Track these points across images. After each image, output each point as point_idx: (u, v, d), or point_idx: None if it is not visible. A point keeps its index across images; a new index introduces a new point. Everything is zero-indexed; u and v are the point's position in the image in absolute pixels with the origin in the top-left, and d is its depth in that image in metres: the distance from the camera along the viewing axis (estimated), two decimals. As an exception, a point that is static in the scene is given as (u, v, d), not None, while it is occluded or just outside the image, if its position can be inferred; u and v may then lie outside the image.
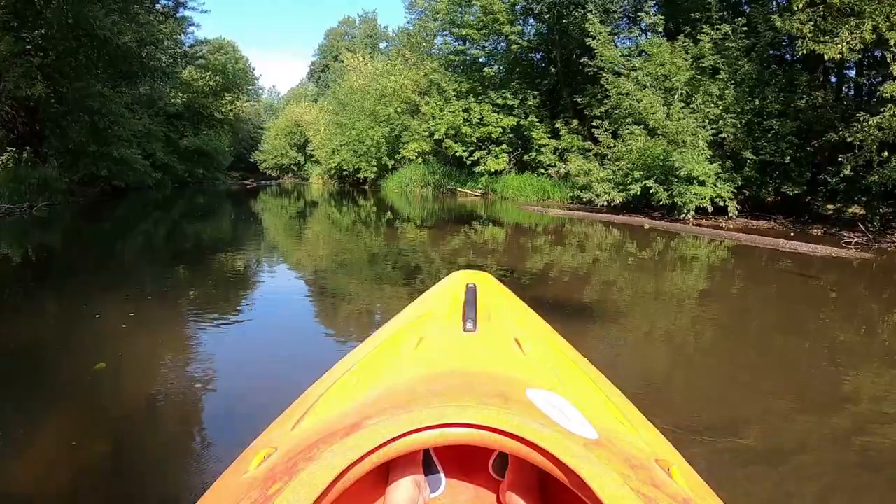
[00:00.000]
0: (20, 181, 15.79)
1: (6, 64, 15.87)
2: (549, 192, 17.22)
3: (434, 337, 1.37)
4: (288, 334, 4.12)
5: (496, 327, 1.44)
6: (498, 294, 1.80)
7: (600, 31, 14.83)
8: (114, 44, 19.25)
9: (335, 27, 64.88)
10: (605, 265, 6.87)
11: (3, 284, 5.87)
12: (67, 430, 2.48)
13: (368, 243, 9.65)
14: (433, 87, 22.12)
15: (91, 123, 20.60)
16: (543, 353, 1.33)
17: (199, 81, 39.08)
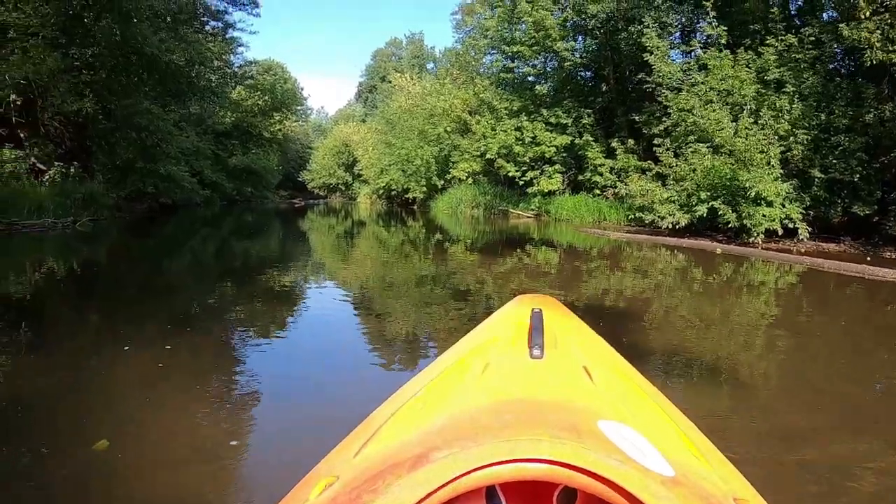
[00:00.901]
0: (66, 196, 16.20)
1: (53, 80, 16.41)
2: (606, 214, 16.83)
3: (500, 363, 1.35)
4: (337, 357, 4.00)
5: (564, 354, 1.41)
6: (564, 319, 1.76)
7: (658, 46, 14.50)
8: (162, 62, 19.82)
9: (382, 48, 65.98)
10: (671, 292, 6.48)
11: (21, 308, 5.35)
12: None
13: (417, 264, 9.48)
14: (484, 105, 22.03)
15: (139, 140, 21.12)
16: (613, 382, 1.31)
17: (248, 101, 40.10)
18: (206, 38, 27.39)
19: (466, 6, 37.50)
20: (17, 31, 15.86)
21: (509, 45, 20.05)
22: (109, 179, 20.00)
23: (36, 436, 2.55)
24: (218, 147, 36.21)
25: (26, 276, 7.39)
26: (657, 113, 15.10)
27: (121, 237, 14.13)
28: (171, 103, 25.73)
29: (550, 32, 18.36)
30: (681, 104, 12.99)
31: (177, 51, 20.91)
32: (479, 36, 22.57)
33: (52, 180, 16.93)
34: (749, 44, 13.11)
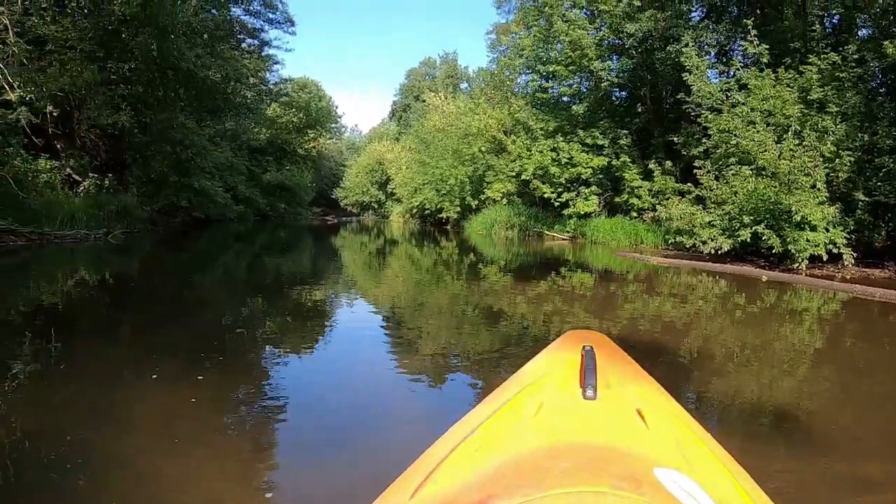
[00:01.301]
0: (100, 207, 16.51)
1: (90, 92, 16.83)
2: (643, 237, 16.60)
3: (554, 403, 1.35)
4: (373, 389, 3.81)
5: (616, 395, 1.40)
6: (615, 358, 1.73)
7: (697, 65, 14.33)
8: (198, 77, 20.25)
9: (416, 68, 66.81)
10: (714, 322, 6.26)
11: (44, 324, 5.17)
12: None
13: (450, 285, 9.45)
14: (519, 125, 22.00)
15: (173, 154, 21.52)
16: (667, 427, 1.30)
17: (283, 118, 40.83)
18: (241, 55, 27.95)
19: (501, 26, 37.72)
20: (56, 43, 16.36)
21: (545, 65, 20.01)
22: (144, 192, 20.38)
23: (39, 491, 2.22)
24: (252, 163, 36.85)
25: (53, 289, 7.44)
26: (696, 134, 14.91)
27: (153, 250, 14.33)
28: (206, 119, 26.29)
29: (587, 52, 18.29)
30: (722, 125, 12.77)
31: (213, 67, 21.38)
32: (515, 55, 22.56)
33: (86, 192, 17.28)
34: (789, 62, 12.91)
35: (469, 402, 3.33)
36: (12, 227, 12.53)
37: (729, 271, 10.40)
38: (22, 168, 14.52)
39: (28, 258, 11.05)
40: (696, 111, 14.20)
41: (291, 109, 41.78)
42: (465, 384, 3.96)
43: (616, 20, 17.68)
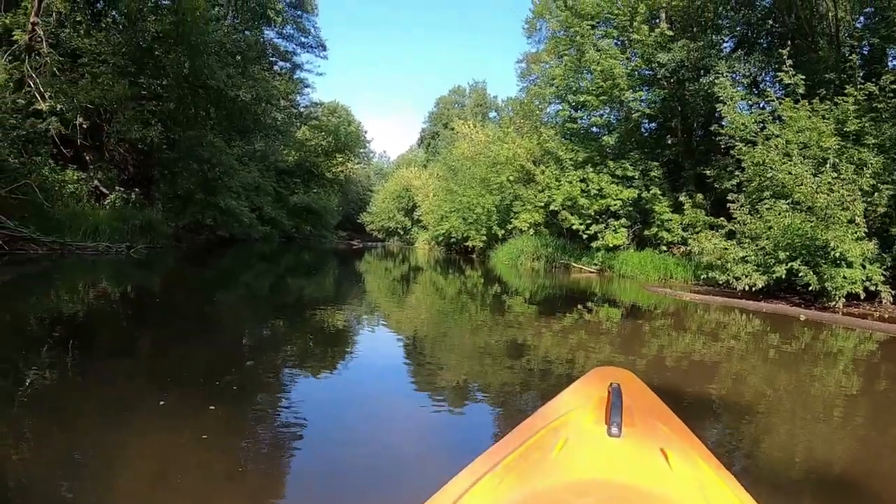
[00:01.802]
0: (124, 221, 16.73)
1: (120, 106, 17.20)
2: (672, 272, 16.33)
3: (578, 440, 1.36)
4: (394, 421, 3.70)
5: (642, 434, 1.40)
6: (642, 396, 1.75)
7: (732, 96, 14.20)
8: (228, 96, 20.63)
9: (446, 95, 67.62)
10: (747, 361, 6.06)
11: (50, 339, 5.07)
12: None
13: (473, 314, 9.37)
14: (548, 155, 21.96)
15: (200, 172, 21.81)
16: (691, 468, 1.30)
17: (312, 141, 41.39)
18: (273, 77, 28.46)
19: (531, 55, 38.09)
20: (89, 56, 16.80)
21: (575, 95, 20.01)
22: (170, 208, 20.67)
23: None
24: (280, 184, 37.37)
25: (67, 301, 7.51)
26: (729, 167, 14.72)
27: (174, 267, 14.43)
28: (236, 139, 26.72)
29: (618, 82, 18.26)
30: (756, 158, 12.58)
31: (243, 87, 21.76)
32: (545, 84, 22.62)
33: (112, 205, 17.56)
34: (823, 93, 12.73)
35: (489, 436, 3.36)
36: (34, 236, 12.70)
37: (764, 309, 10.07)
38: (50, 178, 14.81)
39: (47, 268, 11.19)
40: (729, 143, 14.03)
41: (321, 133, 42.40)
42: (485, 418, 3.86)
43: (648, 50, 17.65)
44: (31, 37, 15.94)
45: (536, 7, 39.25)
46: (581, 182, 19.29)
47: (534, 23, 40.42)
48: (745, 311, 10.06)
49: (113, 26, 18.63)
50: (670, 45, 17.24)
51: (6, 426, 2.98)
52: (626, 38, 18.74)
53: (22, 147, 14.11)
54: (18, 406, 3.31)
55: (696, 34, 17.90)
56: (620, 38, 19.01)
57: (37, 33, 15.93)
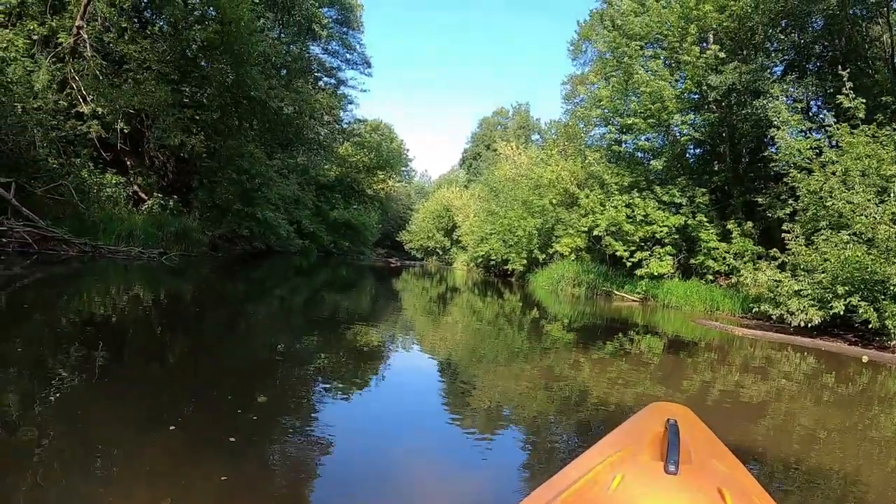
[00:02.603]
0: (159, 227, 16.89)
1: (161, 112, 17.49)
2: (719, 303, 15.82)
3: (635, 476, 1.36)
4: (426, 452, 3.52)
5: (699, 472, 1.41)
6: (699, 432, 1.74)
7: (787, 120, 13.77)
8: (270, 108, 20.87)
9: (489, 116, 67.97)
10: (805, 403, 5.73)
11: (60, 345, 4.87)
12: None
13: (510, 339, 9.22)
14: (592, 179, 21.65)
15: (239, 182, 21.99)
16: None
17: (353, 157, 41.74)
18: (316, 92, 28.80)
19: (577, 77, 37.87)
20: (133, 62, 17.17)
21: (622, 117, 19.72)
22: (207, 217, 20.82)
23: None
24: (320, 199, 37.61)
25: (90, 305, 7.50)
26: (783, 194, 14.25)
27: (206, 276, 14.44)
28: (277, 151, 27.00)
29: (667, 105, 17.95)
30: (812, 186, 12.12)
31: (286, 99, 21.97)
32: (592, 106, 22.33)
33: (149, 210, 17.77)
34: (881, 118, 12.26)
35: (518, 468, 3.32)
36: (66, 236, 12.86)
37: (822, 347, 9.57)
38: (88, 180, 15.07)
39: (75, 270, 11.26)
40: (783, 169, 13.61)
41: (363, 149, 42.75)
42: (516, 449, 3.74)
43: (698, 72, 17.29)
44: (75, 40, 16.36)
45: (582, 29, 39.13)
46: (626, 207, 18.90)
47: (579, 45, 40.28)
48: (801, 348, 9.56)
49: (158, 34, 19.04)
50: (721, 67, 16.87)
51: (12, 442, 2.84)
52: (676, 59, 18.42)
53: (61, 148, 14.39)
54: (25, 420, 3.10)
55: (746, 57, 17.49)
56: (669, 59, 18.66)
57: (81, 37, 16.35)
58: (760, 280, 12.24)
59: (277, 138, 26.43)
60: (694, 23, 17.21)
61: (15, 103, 12.62)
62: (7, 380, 3.90)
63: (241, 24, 18.68)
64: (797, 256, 11.71)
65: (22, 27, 15.85)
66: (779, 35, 17.68)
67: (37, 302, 7.33)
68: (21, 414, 3.24)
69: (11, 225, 11.88)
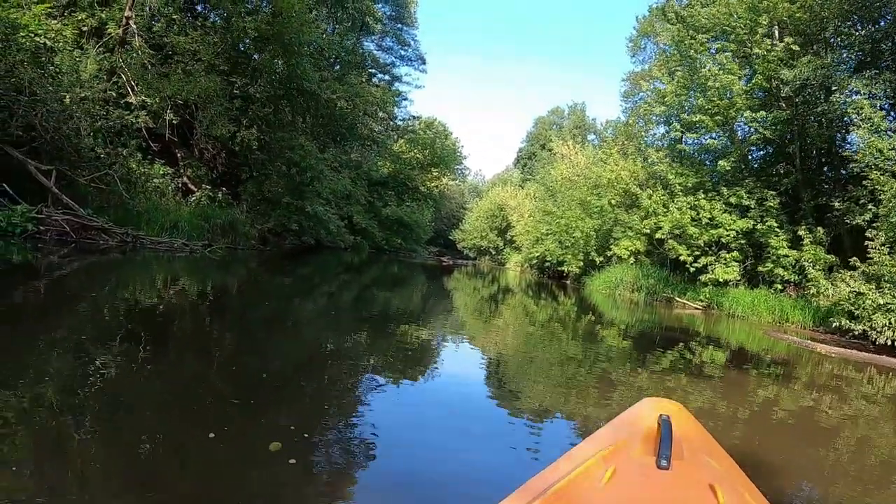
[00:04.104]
0: (206, 219, 16.83)
1: (208, 102, 17.50)
2: (788, 314, 14.96)
3: (627, 470, 1.38)
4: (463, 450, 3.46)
5: (690, 467, 1.42)
6: (691, 429, 1.73)
7: (870, 117, 12.88)
8: (321, 99, 20.76)
9: (544, 116, 67.34)
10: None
11: (89, 344, 4.37)
12: None
13: (563, 343, 8.85)
14: (654, 179, 20.92)
15: (289, 175, 21.90)
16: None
17: (407, 154, 41.69)
18: (370, 85, 28.77)
19: (636, 74, 36.87)
20: (183, 54, 17.29)
21: (688, 114, 18.90)
22: (256, 210, 20.80)
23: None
24: (373, 195, 37.62)
25: (121, 297, 7.31)
26: (862, 199, 13.36)
27: (251, 270, 14.27)
28: (330, 145, 26.98)
29: (736, 101, 17.10)
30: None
31: (338, 91, 21.82)
32: (656, 102, 21.53)
33: (197, 202, 17.80)
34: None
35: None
36: (106, 225, 12.85)
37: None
38: (136, 170, 15.16)
39: (113, 261, 11.07)
40: (863, 172, 12.75)
41: (417, 146, 42.61)
42: (559, 439, 3.82)
43: (770, 66, 16.39)
44: (124, 30, 16.52)
45: (641, 25, 38.12)
46: (691, 209, 18.11)
47: (638, 41, 39.27)
48: (885, 368, 8.77)
49: (210, 26, 19.12)
50: (793, 61, 15.94)
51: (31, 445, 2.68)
52: (744, 53, 17.55)
53: (108, 138, 14.49)
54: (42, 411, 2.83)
55: (816, 51, 16.47)
56: (737, 53, 17.76)
57: (130, 27, 16.51)
58: (842, 292, 11.38)
59: (330, 133, 26.40)
60: (764, 14, 16.31)
61: (61, 92, 12.70)
62: (41, 371, 3.78)
63: (293, 14, 18.59)
64: (881, 267, 10.88)
65: (72, 18, 16.04)
66: (850, 29, 16.58)
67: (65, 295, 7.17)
68: (58, 409, 3.12)
69: (50, 212, 11.94)
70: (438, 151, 44.25)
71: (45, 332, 4.83)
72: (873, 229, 12.06)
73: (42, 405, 3.11)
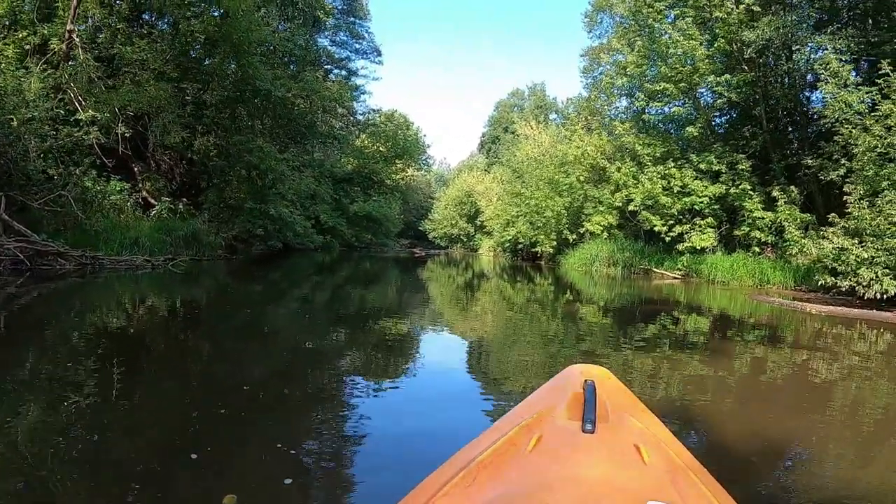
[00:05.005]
0: (167, 232, 16.21)
1: (161, 112, 16.90)
2: (769, 276, 14.86)
3: (552, 437, 1.39)
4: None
5: (616, 430, 1.44)
6: (617, 392, 1.74)
7: (838, 71, 12.75)
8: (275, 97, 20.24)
9: (505, 99, 67.20)
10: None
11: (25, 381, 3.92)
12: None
13: (544, 324, 8.54)
14: (621, 152, 20.75)
15: (249, 179, 21.33)
16: (664, 462, 1.32)
17: (370, 148, 41.18)
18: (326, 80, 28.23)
19: (595, 49, 36.63)
20: (129, 64, 16.69)
21: (651, 83, 18.69)
22: (220, 218, 20.19)
23: None
24: (339, 192, 37.06)
25: (84, 323, 6.60)
26: (835, 154, 13.25)
27: (217, 281, 13.65)
28: (290, 145, 26.41)
29: (699, 66, 16.92)
30: (872, 143, 11.09)
31: (294, 89, 21.25)
32: (617, 75, 21.30)
33: (158, 216, 17.20)
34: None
35: None
36: (62, 249, 12.18)
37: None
38: (92, 189, 14.51)
39: (68, 287, 10.19)
40: (835, 127, 12.62)
41: (380, 139, 42.07)
42: None
43: (731, 29, 16.20)
44: (67, 44, 15.86)
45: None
46: (662, 178, 17.94)
47: (594, 16, 38.91)
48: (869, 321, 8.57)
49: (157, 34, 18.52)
50: (754, 23, 15.77)
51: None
52: (704, 18, 17.37)
53: (59, 158, 13.85)
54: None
55: (776, 11, 16.31)
56: (698, 17, 17.58)
57: (73, 41, 15.86)
58: (825, 249, 11.19)
59: (290, 133, 25.80)
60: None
61: (6, 115, 12.05)
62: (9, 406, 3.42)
63: (241, 13, 18.00)
64: (860, 221, 10.72)
65: (13, 37, 15.37)
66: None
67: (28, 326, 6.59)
68: (35, 441, 2.90)
69: (1, 241, 11.23)
70: (401, 143, 43.66)
71: (11, 367, 4.43)
72: (850, 184, 11.93)
73: (12, 438, 2.88)
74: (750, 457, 3.10)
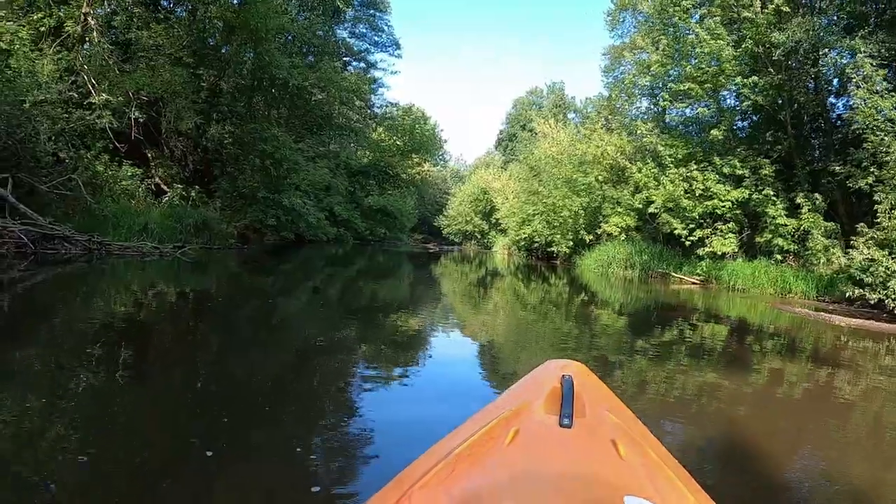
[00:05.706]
0: (178, 220, 16.04)
1: (172, 96, 16.77)
2: (791, 285, 14.50)
3: (529, 431, 1.39)
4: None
5: (592, 424, 1.46)
6: (593, 388, 1.76)
7: (870, 76, 12.40)
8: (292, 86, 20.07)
9: (523, 97, 66.79)
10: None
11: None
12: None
13: (557, 324, 8.45)
14: (641, 152, 20.41)
15: (263, 168, 21.14)
16: (640, 457, 1.34)
17: (386, 141, 41.00)
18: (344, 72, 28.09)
19: (616, 48, 36.17)
20: (146, 49, 16.59)
21: (675, 83, 18.32)
22: (232, 207, 20.05)
23: None
24: (353, 185, 36.92)
25: (89, 311, 6.42)
26: (864, 162, 12.88)
27: (225, 271, 13.44)
28: (306, 136, 26.26)
29: (725, 67, 16.55)
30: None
31: (311, 79, 21.09)
32: (640, 73, 20.94)
33: (169, 202, 17.08)
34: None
35: None
36: (68, 234, 12.04)
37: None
38: (103, 174, 14.41)
39: (73, 272, 10.12)
40: (864, 134, 12.27)
41: (396, 133, 41.88)
42: None
43: (760, 30, 15.80)
44: (83, 27, 15.79)
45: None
46: (684, 181, 17.58)
47: (616, 14, 38.41)
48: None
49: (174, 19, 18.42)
50: (783, 24, 15.38)
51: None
52: (731, 17, 16.99)
53: (71, 141, 13.75)
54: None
55: (804, 13, 15.89)
56: (725, 16, 17.21)
57: (88, 24, 15.77)
58: (854, 259, 10.82)
59: (305, 123, 25.63)
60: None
61: (18, 97, 11.96)
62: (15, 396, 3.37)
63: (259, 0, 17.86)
64: (890, 231, 10.36)
65: (28, 19, 15.31)
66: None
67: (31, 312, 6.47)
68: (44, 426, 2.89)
69: (6, 224, 11.11)
70: (418, 137, 43.38)
71: (15, 354, 4.33)
72: (880, 193, 11.56)
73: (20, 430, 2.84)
74: (749, 467, 3.05)
